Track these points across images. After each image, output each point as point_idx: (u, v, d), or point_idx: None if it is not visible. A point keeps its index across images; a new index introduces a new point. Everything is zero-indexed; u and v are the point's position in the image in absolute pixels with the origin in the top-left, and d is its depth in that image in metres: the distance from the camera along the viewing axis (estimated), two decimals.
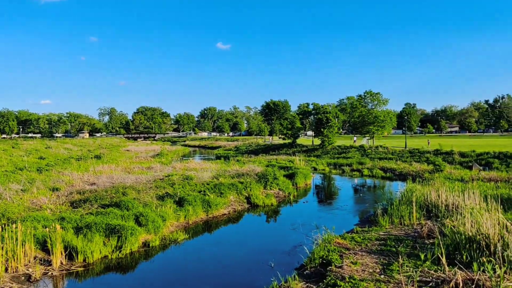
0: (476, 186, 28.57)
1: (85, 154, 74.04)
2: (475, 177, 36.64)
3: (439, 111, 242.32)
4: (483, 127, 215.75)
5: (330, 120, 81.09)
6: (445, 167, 46.79)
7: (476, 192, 22.23)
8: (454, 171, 43.61)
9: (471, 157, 53.36)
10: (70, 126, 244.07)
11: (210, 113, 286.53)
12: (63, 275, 15.29)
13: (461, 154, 56.10)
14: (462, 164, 50.47)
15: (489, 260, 12.30)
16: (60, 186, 29.02)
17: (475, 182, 33.21)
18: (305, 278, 14.10)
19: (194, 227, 23.13)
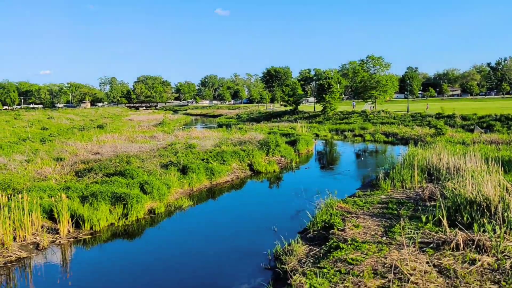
0: (477, 148, 28.66)
1: (88, 124, 74.15)
2: (477, 140, 36.70)
3: (441, 74, 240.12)
4: (485, 90, 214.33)
5: (332, 85, 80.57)
6: (446, 130, 46.81)
7: (478, 154, 22.34)
8: (455, 134, 43.67)
9: (473, 120, 53.31)
10: (72, 96, 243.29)
11: (210, 81, 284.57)
12: (70, 242, 15.61)
13: (462, 117, 56.03)
14: (464, 127, 50.47)
15: (490, 221, 12.49)
16: (64, 156, 29.22)
17: (476, 144, 33.29)
18: (308, 241, 14.37)
19: (198, 194, 23.41)
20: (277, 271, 12.18)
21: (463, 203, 13.94)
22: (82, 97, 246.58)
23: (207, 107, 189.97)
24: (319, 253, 12.78)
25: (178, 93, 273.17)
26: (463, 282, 9.54)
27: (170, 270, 13.41)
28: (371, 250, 11.91)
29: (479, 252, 11.01)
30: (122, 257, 14.92)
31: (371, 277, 10.12)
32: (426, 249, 11.62)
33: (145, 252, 15.33)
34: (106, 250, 15.41)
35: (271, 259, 13.43)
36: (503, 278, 9.54)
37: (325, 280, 10.13)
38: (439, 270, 10.25)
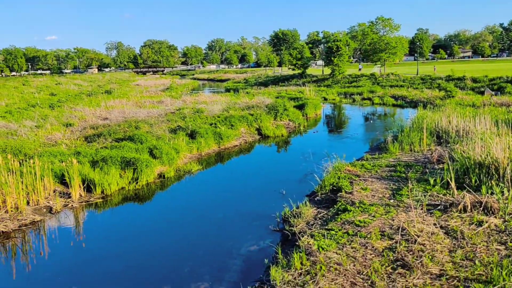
0: (487, 111, 28.37)
1: (96, 89, 74.14)
2: (487, 102, 36.30)
3: (452, 36, 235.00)
4: (496, 51, 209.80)
5: (340, 48, 79.37)
6: (456, 93, 46.29)
7: (487, 117, 22.14)
8: (465, 96, 43.18)
9: (484, 82, 52.56)
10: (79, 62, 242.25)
11: (217, 45, 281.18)
12: (82, 206, 15.91)
13: (473, 80, 55.22)
14: (474, 90, 49.84)
15: (498, 183, 12.51)
16: (73, 122, 29.40)
17: (486, 107, 32.95)
18: (316, 204, 14.52)
19: (207, 158, 23.58)
20: (285, 233, 12.38)
21: (471, 165, 13.93)
22: (89, 62, 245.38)
23: (214, 71, 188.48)
24: (327, 216, 12.94)
25: (185, 57, 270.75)
26: (469, 243, 9.65)
27: (180, 233, 13.67)
28: (378, 212, 12.03)
29: (487, 214, 11.08)
30: (133, 220, 15.21)
31: (378, 238, 10.27)
32: (433, 211, 11.71)
33: (155, 215, 15.61)
34: (117, 213, 15.70)
35: (279, 221, 13.63)
36: (510, 239, 9.64)
37: (333, 242, 10.29)
38: (446, 231, 10.36)
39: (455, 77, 58.22)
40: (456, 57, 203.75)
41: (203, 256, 11.63)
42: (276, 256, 10.69)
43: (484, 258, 8.88)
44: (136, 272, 10.99)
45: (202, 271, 10.69)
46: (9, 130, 25.91)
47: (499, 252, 9.10)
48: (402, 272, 8.64)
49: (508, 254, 8.93)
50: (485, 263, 8.64)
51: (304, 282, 8.65)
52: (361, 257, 9.43)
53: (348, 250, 9.80)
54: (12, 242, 12.91)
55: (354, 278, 8.61)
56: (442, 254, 9.22)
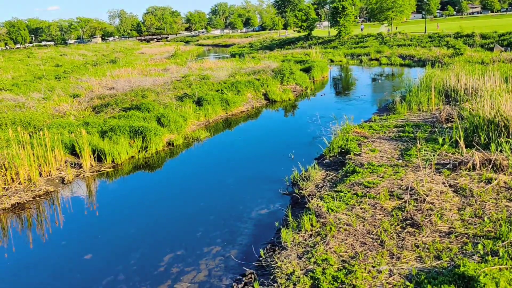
0: (497, 68, 27.95)
1: (100, 59, 73.74)
2: (496, 59, 35.73)
3: None
4: (506, 6, 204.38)
5: (346, 8, 77.79)
6: (465, 50, 45.47)
7: (497, 74, 21.83)
8: (474, 54, 42.45)
9: (493, 38, 51.50)
10: (82, 32, 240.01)
11: (221, 9, 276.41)
12: (94, 176, 16.12)
13: (482, 36, 54.10)
14: (483, 46, 48.93)
15: (507, 140, 12.45)
16: (80, 92, 29.42)
17: (496, 64, 32.44)
18: (325, 166, 14.60)
19: (214, 125, 23.63)
20: (295, 196, 12.52)
21: (480, 123, 13.84)
22: (93, 32, 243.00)
23: (218, 36, 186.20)
24: (335, 178, 13.02)
25: (188, 23, 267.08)
26: (478, 200, 9.71)
27: (191, 198, 13.87)
28: (387, 173, 12.09)
29: (496, 172, 11.09)
30: (144, 187, 15.42)
31: (387, 198, 10.36)
32: (442, 170, 11.74)
33: (165, 182, 15.80)
34: (129, 182, 15.92)
35: (288, 185, 13.75)
36: None
37: (342, 203, 10.40)
38: (455, 190, 10.41)
39: (464, 34, 57.03)
40: (464, 13, 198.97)
41: (215, 220, 11.83)
42: (286, 219, 10.85)
43: (493, 215, 8.95)
44: (149, 237, 11.23)
45: (214, 235, 10.90)
46: (17, 103, 26.02)
47: (508, 208, 9.16)
48: (411, 231, 8.76)
49: None
50: (494, 220, 8.72)
51: (314, 243, 8.81)
52: (370, 218, 9.55)
53: (358, 211, 9.92)
54: (27, 213, 13.19)
55: (364, 238, 8.74)
56: (451, 212, 9.30)
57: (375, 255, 8.02)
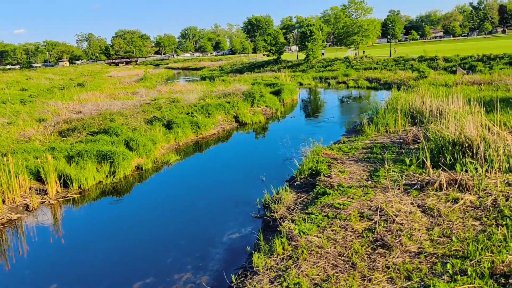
0: (460, 90, 28.91)
1: (68, 83, 72.63)
2: (459, 81, 36.97)
3: (424, 16, 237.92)
4: (467, 31, 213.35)
5: (314, 33, 79.49)
6: (429, 73, 46.90)
7: (460, 96, 22.51)
8: (438, 76, 43.87)
9: (455, 62, 53.48)
10: (49, 55, 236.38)
11: (191, 33, 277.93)
12: (60, 202, 15.67)
13: (445, 59, 56.11)
14: (446, 69, 50.68)
15: (472, 160, 12.78)
16: (46, 117, 28.80)
17: (459, 86, 33.58)
18: (296, 188, 14.63)
19: (185, 148, 23.45)
20: (266, 219, 12.45)
21: (445, 144, 14.19)
22: (60, 55, 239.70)
23: (188, 60, 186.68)
24: (307, 200, 13.05)
25: (158, 46, 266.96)
26: (446, 220, 9.87)
27: (161, 224, 13.61)
28: (357, 194, 12.19)
29: (462, 191, 11.33)
30: (112, 213, 15.06)
31: (358, 220, 10.42)
32: (410, 190, 11.92)
33: (134, 207, 15.49)
34: (96, 208, 15.53)
35: (260, 208, 13.69)
36: (485, 214, 9.89)
37: (314, 225, 10.40)
38: (423, 210, 10.57)
39: (428, 58, 59.03)
40: (428, 37, 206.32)
41: (185, 246, 11.62)
42: (258, 243, 10.75)
43: (460, 234, 9.10)
44: (118, 264, 10.92)
45: (184, 260, 10.69)
46: None
47: (475, 227, 9.34)
48: (382, 252, 8.80)
49: (483, 229, 9.17)
50: (462, 239, 8.86)
51: (286, 266, 8.73)
52: (342, 239, 9.56)
53: (329, 233, 9.92)
54: None
55: (335, 260, 8.73)
56: (420, 232, 9.41)
57: (346, 277, 8.00)
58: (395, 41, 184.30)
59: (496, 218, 9.63)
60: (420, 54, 62.61)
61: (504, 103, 21.23)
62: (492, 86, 31.50)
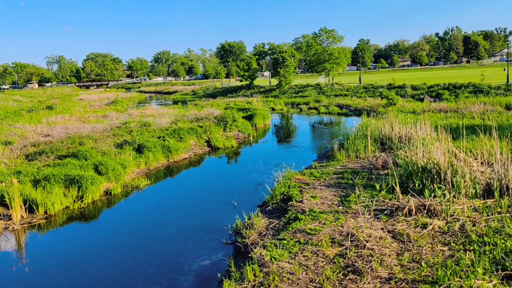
0: (427, 117, 29.69)
1: (36, 105, 71.17)
2: (427, 109, 37.98)
3: (392, 46, 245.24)
4: (433, 60, 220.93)
5: (286, 59, 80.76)
6: (398, 100, 48.09)
7: (427, 123, 23.11)
8: (406, 104, 44.97)
9: (423, 90, 55.07)
10: (17, 77, 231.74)
11: (164, 57, 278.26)
12: (25, 228, 15.14)
13: (413, 87, 57.73)
14: (414, 97, 52.11)
15: (440, 186, 13.04)
16: (13, 140, 28.02)
17: (426, 113, 34.48)
18: (268, 214, 14.57)
19: (155, 172, 23.14)
20: (238, 245, 12.31)
21: (414, 170, 14.46)
22: (29, 77, 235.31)
23: (161, 83, 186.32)
24: (278, 225, 12.99)
25: (130, 70, 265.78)
26: (415, 245, 9.97)
27: (129, 251, 13.28)
28: (328, 220, 12.22)
29: (430, 216, 11.51)
30: (79, 240, 14.62)
31: (329, 245, 10.41)
32: (380, 216, 12.03)
33: (102, 234, 15.09)
34: (62, 234, 15.05)
35: (231, 233, 13.55)
36: (453, 240, 10.04)
37: (285, 251, 10.33)
38: (393, 235, 10.66)
39: (396, 85, 60.60)
40: (396, 66, 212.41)
41: (154, 274, 11.34)
42: (229, 270, 10.59)
43: (429, 259, 9.19)
44: None
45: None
46: None
47: (443, 252, 9.46)
48: (353, 278, 8.79)
49: (452, 255, 9.29)
50: (431, 264, 8.94)
51: None
52: (313, 265, 9.51)
53: (300, 259, 9.87)
54: None
55: (307, 286, 8.66)
56: (390, 258, 9.46)
57: None
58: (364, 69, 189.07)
59: (464, 243, 9.79)
60: (389, 82, 64.26)
61: (469, 131, 21.86)
62: (458, 114, 32.48)
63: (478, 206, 12.00)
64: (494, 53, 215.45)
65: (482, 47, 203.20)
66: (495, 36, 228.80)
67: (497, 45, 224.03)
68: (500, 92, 45.98)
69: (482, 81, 52.26)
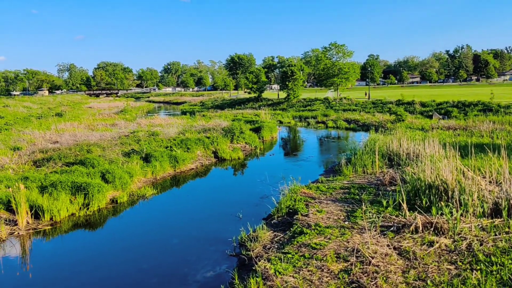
0: (435, 134, 29.57)
1: (46, 112, 71.85)
2: (435, 126, 37.83)
3: (401, 62, 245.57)
4: (443, 77, 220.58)
5: (295, 73, 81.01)
6: (406, 116, 47.98)
7: (436, 140, 23.01)
8: (415, 120, 44.84)
9: (432, 107, 54.86)
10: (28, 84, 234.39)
11: (173, 68, 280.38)
12: (30, 234, 15.17)
13: (422, 104, 57.57)
14: (423, 114, 51.91)
15: (447, 204, 12.93)
16: (22, 145, 28.24)
17: (435, 130, 34.33)
18: (273, 227, 14.50)
19: (162, 182, 23.16)
20: (242, 258, 12.24)
21: (422, 187, 14.36)
22: (40, 84, 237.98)
23: (170, 94, 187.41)
24: (283, 239, 12.91)
25: (140, 80, 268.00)
26: (421, 263, 9.86)
27: (133, 260, 13.25)
28: (334, 235, 12.14)
29: (437, 234, 11.40)
30: (84, 248, 14.62)
31: (334, 260, 10.32)
32: (386, 232, 11.93)
33: (107, 242, 15.08)
34: (67, 241, 15.06)
35: (236, 246, 13.48)
36: (459, 259, 9.92)
37: (290, 265, 10.26)
38: (399, 252, 10.55)
39: (405, 102, 60.48)
40: (405, 82, 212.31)
41: (158, 284, 11.29)
42: (232, 282, 10.52)
43: (435, 278, 9.08)
44: None
45: None
46: None
47: (450, 271, 9.34)
48: None
49: (458, 274, 9.18)
50: (437, 283, 8.83)
51: None
52: (317, 280, 9.43)
53: (305, 273, 9.79)
54: None
55: None
56: (396, 275, 9.36)
57: None
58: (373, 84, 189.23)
59: (470, 262, 9.67)
60: (397, 98, 64.18)
61: (478, 149, 21.72)
62: (466, 132, 32.32)
63: (485, 225, 11.87)
64: (504, 72, 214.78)
65: (492, 66, 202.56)
66: (505, 55, 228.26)
67: (507, 64, 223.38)
68: (509, 111, 45.69)
69: (492, 100, 52.01)
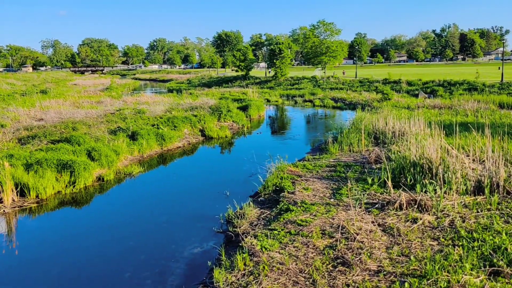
0: (421, 113, 29.82)
1: (30, 89, 70.69)
2: (421, 105, 38.14)
3: (389, 41, 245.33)
4: (429, 56, 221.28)
5: (282, 51, 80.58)
6: (393, 95, 48.25)
7: (421, 119, 23.22)
8: (401, 99, 45.13)
9: (418, 86, 55.22)
10: (12, 60, 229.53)
11: (160, 45, 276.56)
12: (16, 212, 15.11)
13: (408, 83, 57.90)
14: (409, 92, 52.27)
15: (431, 181, 13.14)
16: (6, 123, 27.85)
17: (420, 109, 34.61)
18: (260, 204, 14.62)
19: (148, 160, 23.11)
20: (229, 234, 12.36)
21: (407, 165, 14.55)
22: (23, 60, 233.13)
23: (156, 71, 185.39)
24: (270, 216, 13.05)
25: (125, 57, 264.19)
26: (405, 239, 10.07)
27: (120, 237, 13.30)
28: (319, 212, 12.29)
29: (421, 211, 11.61)
30: (70, 225, 14.62)
31: (320, 237, 10.48)
32: (371, 209, 12.12)
33: (93, 220, 15.08)
34: (53, 219, 15.04)
35: (223, 223, 13.59)
36: (442, 235, 10.14)
37: (276, 241, 10.39)
38: (384, 229, 10.75)
39: (392, 80, 60.74)
40: (392, 61, 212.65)
41: (145, 260, 11.37)
42: (219, 258, 10.64)
43: (418, 253, 9.29)
44: (74, 279, 10.56)
45: (143, 275, 10.45)
46: None
47: (432, 247, 9.56)
48: (342, 270, 8.87)
49: (441, 249, 9.39)
50: (420, 259, 9.04)
51: (247, 282, 8.67)
52: (303, 256, 9.58)
53: (291, 250, 9.93)
54: None
55: (296, 276, 8.73)
56: (380, 251, 9.55)
57: None
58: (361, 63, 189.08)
59: (453, 238, 9.89)
60: (384, 77, 64.38)
61: (462, 127, 21.98)
62: (451, 111, 32.64)
63: (468, 202, 12.11)
64: (490, 51, 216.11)
65: (478, 45, 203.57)
66: (491, 34, 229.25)
67: (493, 43, 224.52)
68: (494, 90, 46.20)
69: (477, 79, 52.50)
